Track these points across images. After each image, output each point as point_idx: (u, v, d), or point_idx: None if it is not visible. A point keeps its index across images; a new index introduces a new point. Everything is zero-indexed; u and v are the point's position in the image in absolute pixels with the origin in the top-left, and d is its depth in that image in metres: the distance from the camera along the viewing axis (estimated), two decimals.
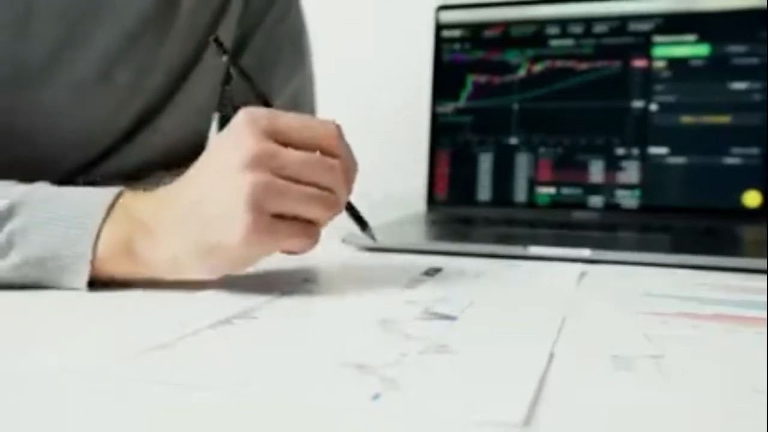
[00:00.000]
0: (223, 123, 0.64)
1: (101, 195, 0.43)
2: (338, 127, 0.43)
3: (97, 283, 0.42)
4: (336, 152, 0.42)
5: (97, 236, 0.41)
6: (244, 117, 0.41)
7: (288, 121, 0.41)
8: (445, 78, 0.90)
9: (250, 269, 0.48)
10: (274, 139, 0.40)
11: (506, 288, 0.45)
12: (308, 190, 0.40)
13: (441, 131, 0.90)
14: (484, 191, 0.87)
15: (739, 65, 0.79)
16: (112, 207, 0.42)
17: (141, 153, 0.67)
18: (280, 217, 0.40)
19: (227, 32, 0.71)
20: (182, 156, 0.71)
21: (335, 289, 0.46)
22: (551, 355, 0.30)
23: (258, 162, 0.39)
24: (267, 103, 0.46)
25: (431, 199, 0.89)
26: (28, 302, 0.40)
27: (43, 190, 0.44)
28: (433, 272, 0.50)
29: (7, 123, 0.58)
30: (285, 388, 0.26)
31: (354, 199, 0.47)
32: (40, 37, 0.58)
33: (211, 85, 0.71)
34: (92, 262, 0.41)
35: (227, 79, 0.48)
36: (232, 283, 0.44)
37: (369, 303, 0.41)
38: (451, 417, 0.23)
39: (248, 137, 0.40)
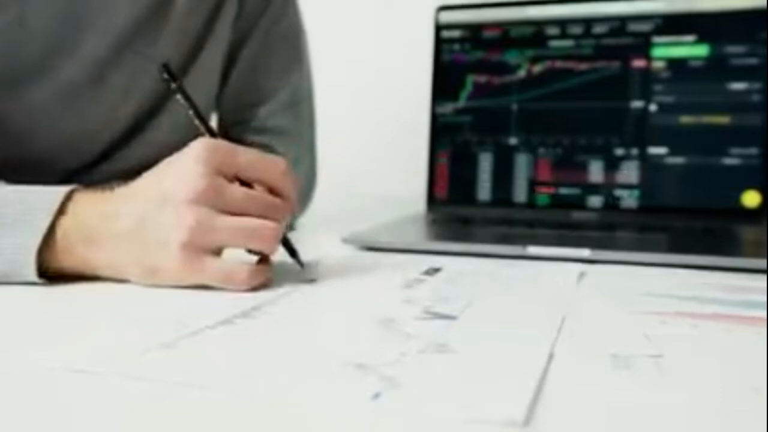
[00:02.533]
0: None
1: (51, 194, 0.44)
2: (287, 164, 0.45)
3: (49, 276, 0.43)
4: (283, 190, 0.45)
5: (48, 234, 0.42)
6: (200, 147, 0.43)
7: (241, 157, 0.44)
8: (445, 78, 0.90)
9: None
10: (224, 174, 0.43)
11: (506, 288, 0.45)
12: (241, 223, 0.43)
13: (441, 131, 0.90)
14: (484, 191, 0.87)
15: (738, 66, 0.79)
16: (63, 204, 0.43)
17: (138, 155, 0.67)
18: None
19: (222, 35, 0.71)
20: None
21: (335, 289, 0.46)
22: (551, 355, 0.30)
23: (202, 198, 0.42)
24: (212, 133, 0.48)
25: (431, 199, 0.89)
26: (28, 302, 0.40)
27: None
28: (433, 272, 0.50)
29: (1, 125, 0.58)
30: (285, 388, 0.26)
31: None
32: (33, 41, 0.58)
33: (206, 86, 0.71)
34: (39, 256, 0.42)
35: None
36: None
37: (369, 303, 0.41)
38: (451, 416, 0.23)
39: (201, 171, 0.42)
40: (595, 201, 0.83)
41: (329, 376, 0.27)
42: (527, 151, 0.86)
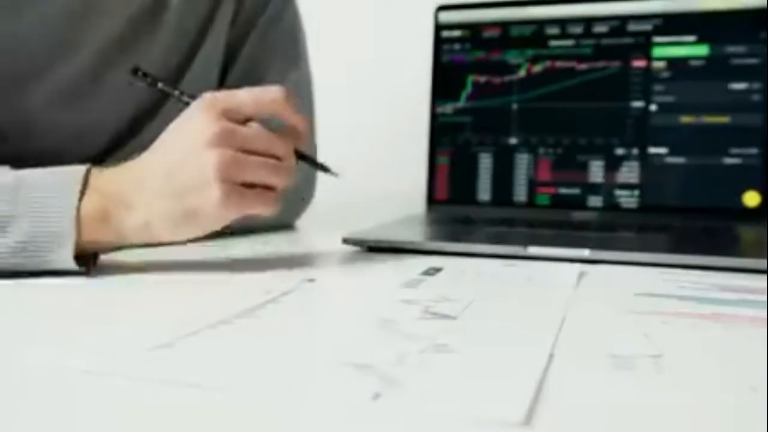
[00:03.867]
0: None
1: (73, 171, 0.46)
2: (283, 92, 0.49)
3: (83, 261, 0.45)
4: (282, 115, 0.49)
5: (78, 209, 0.44)
6: (201, 103, 0.47)
7: (238, 99, 0.47)
8: (445, 78, 0.90)
9: (251, 269, 0.49)
10: (229, 117, 0.47)
11: (506, 288, 0.45)
12: (264, 160, 0.47)
13: (441, 131, 0.90)
14: (484, 191, 0.87)
15: (738, 65, 0.79)
16: (86, 180, 0.45)
17: (138, 153, 0.67)
18: (245, 185, 0.46)
19: (219, 36, 0.71)
20: None
21: (335, 289, 0.46)
22: (551, 355, 0.30)
23: (219, 140, 0.45)
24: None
25: (431, 199, 0.89)
26: (28, 301, 0.40)
27: (7, 175, 0.46)
28: (433, 272, 0.50)
29: (2, 122, 0.58)
30: (285, 388, 0.26)
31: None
32: (31, 40, 0.58)
33: (204, 86, 0.71)
34: (77, 233, 0.44)
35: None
36: (232, 283, 0.44)
37: (369, 303, 0.41)
38: (451, 416, 0.23)
39: (208, 119, 0.46)
40: (595, 201, 0.83)
41: (329, 377, 0.27)
42: (527, 151, 0.86)
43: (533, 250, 0.56)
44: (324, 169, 0.55)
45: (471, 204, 0.87)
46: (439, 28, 0.91)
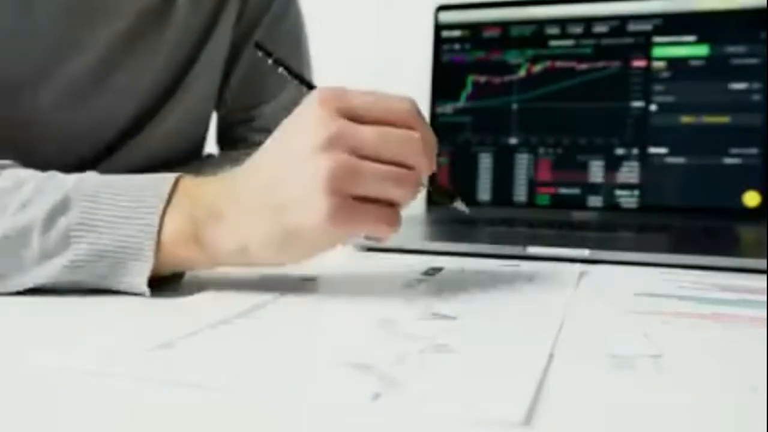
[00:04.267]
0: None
1: (159, 181, 0.41)
2: (413, 102, 0.41)
3: (157, 279, 0.40)
4: (412, 126, 0.40)
5: (160, 225, 0.39)
6: (316, 97, 0.39)
7: (361, 98, 0.40)
8: (445, 78, 0.90)
9: (251, 269, 0.49)
10: (347, 117, 0.39)
11: (506, 288, 0.45)
12: (387, 168, 0.38)
13: (441, 131, 0.90)
14: (484, 191, 0.87)
15: (738, 65, 0.79)
16: (172, 193, 0.40)
17: (140, 153, 0.67)
18: (359, 199, 0.39)
19: (223, 35, 0.71)
20: (182, 156, 0.71)
21: (335, 289, 0.46)
22: (551, 355, 0.30)
23: (334, 143, 0.37)
24: (311, 86, 0.45)
25: (431, 199, 0.89)
26: (28, 302, 0.40)
27: (93, 179, 0.41)
28: (433, 272, 0.50)
29: (7, 121, 0.58)
30: (285, 388, 0.26)
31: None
32: (38, 39, 0.58)
33: (208, 84, 0.71)
34: (156, 252, 0.39)
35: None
36: (232, 283, 0.44)
37: (369, 303, 0.41)
38: (451, 416, 0.23)
39: (322, 117, 0.38)
40: (596, 201, 0.83)
41: (329, 377, 0.27)
42: (527, 151, 0.86)
43: (533, 250, 0.56)
44: (453, 197, 0.46)
45: (471, 204, 0.87)
46: (439, 28, 0.91)
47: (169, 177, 0.41)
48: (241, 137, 0.76)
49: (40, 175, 0.42)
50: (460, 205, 0.46)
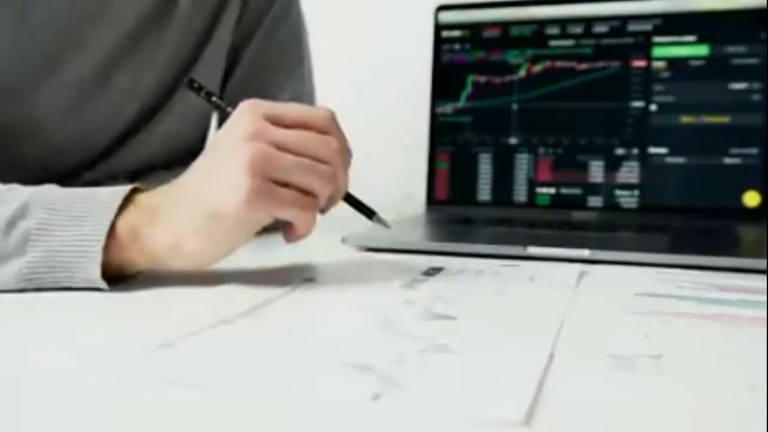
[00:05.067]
0: None
1: (114, 192, 0.43)
2: (332, 112, 0.45)
3: (109, 279, 0.42)
4: (330, 132, 0.44)
5: (111, 228, 0.41)
6: (243, 105, 0.43)
7: (284, 107, 0.44)
8: (445, 78, 0.90)
9: (251, 269, 0.49)
10: (271, 122, 0.42)
11: (506, 288, 0.45)
12: (304, 160, 0.42)
13: (441, 131, 0.90)
14: (484, 191, 0.87)
15: (738, 66, 0.79)
16: (125, 202, 0.42)
17: (140, 153, 0.67)
18: (280, 186, 0.42)
19: (224, 35, 0.71)
20: (181, 156, 0.71)
21: (335, 289, 0.46)
22: (551, 355, 0.30)
23: (256, 135, 0.41)
24: None
25: (431, 199, 0.89)
26: (28, 302, 0.40)
27: (51, 190, 0.44)
28: (433, 272, 0.50)
29: (7, 122, 0.58)
30: (285, 388, 0.26)
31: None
32: (39, 39, 0.58)
33: (208, 85, 0.71)
34: (104, 253, 0.41)
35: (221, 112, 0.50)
36: (232, 283, 0.44)
37: (369, 303, 0.41)
38: (451, 416, 0.23)
39: (247, 118, 0.42)
40: (596, 201, 0.83)
41: (329, 377, 0.27)
42: (527, 151, 0.86)
43: (533, 250, 0.56)
44: (370, 214, 0.49)
45: (471, 204, 0.87)
46: (439, 28, 0.91)
47: (123, 189, 0.43)
48: None
49: (1, 187, 0.44)
50: (381, 220, 0.49)
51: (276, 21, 0.75)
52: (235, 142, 0.41)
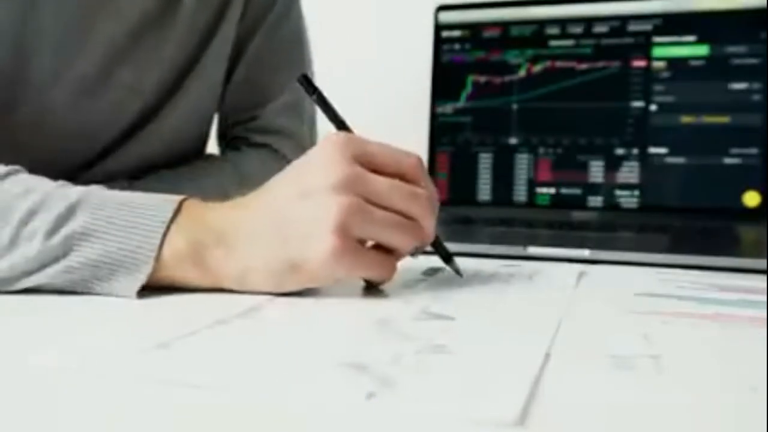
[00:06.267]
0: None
1: (164, 200, 0.41)
2: (420, 159, 0.43)
3: (148, 288, 0.40)
4: (420, 181, 0.42)
5: (162, 241, 0.40)
6: (335, 139, 0.41)
7: (376, 148, 0.41)
8: (445, 78, 0.90)
9: None
10: (361, 163, 0.40)
11: (505, 288, 0.45)
12: (395, 216, 0.40)
13: (441, 131, 0.90)
14: (484, 191, 0.87)
15: (738, 66, 0.79)
16: (177, 212, 0.41)
17: (142, 151, 0.67)
18: (362, 243, 0.41)
19: (228, 33, 0.71)
20: (183, 155, 0.71)
21: (334, 289, 0.45)
22: (548, 355, 0.30)
23: (348, 185, 0.39)
24: (347, 129, 0.45)
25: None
26: (27, 302, 0.40)
27: (100, 192, 0.42)
28: (432, 272, 0.50)
29: (10, 117, 0.58)
30: (280, 388, 0.26)
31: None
32: (43, 35, 0.58)
33: (210, 85, 0.71)
34: (154, 267, 0.40)
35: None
36: None
37: (367, 303, 0.41)
38: (445, 416, 0.23)
39: (339, 160, 0.39)
40: (595, 201, 0.83)
41: (325, 377, 0.27)
42: (527, 151, 0.86)
43: (533, 250, 0.56)
44: (449, 259, 0.48)
45: (471, 204, 0.87)
46: (439, 28, 0.91)
47: (174, 198, 0.41)
48: (242, 137, 0.76)
49: (50, 183, 0.43)
50: (455, 267, 0.47)
51: (279, 18, 0.75)
52: (326, 189, 0.39)
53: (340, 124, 0.45)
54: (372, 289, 0.44)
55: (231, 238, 0.40)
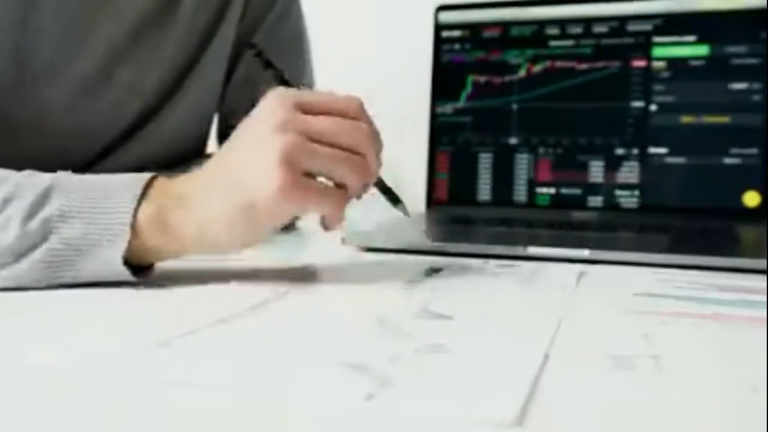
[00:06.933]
0: None
1: (134, 179, 0.43)
2: (361, 100, 0.44)
3: (131, 264, 0.42)
4: (362, 120, 0.44)
5: (136, 212, 0.41)
6: (274, 93, 0.43)
7: (313, 94, 0.44)
8: (445, 78, 0.90)
9: (250, 268, 0.48)
10: (301, 110, 0.42)
11: (505, 288, 0.45)
12: (337, 151, 0.42)
13: (441, 131, 0.90)
14: (484, 191, 0.87)
15: (738, 66, 0.79)
16: (147, 188, 0.42)
17: (142, 151, 0.67)
18: (311, 177, 0.42)
19: (228, 33, 0.71)
20: (183, 155, 0.71)
21: (334, 289, 0.46)
22: (547, 355, 0.30)
23: (288, 125, 0.41)
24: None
25: (431, 199, 0.89)
26: (26, 302, 0.40)
27: (70, 177, 0.44)
28: (432, 272, 0.50)
29: (10, 117, 0.58)
30: (280, 387, 0.26)
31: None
32: (43, 34, 0.58)
33: (210, 84, 0.71)
34: (131, 237, 0.41)
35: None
36: (231, 283, 0.44)
37: (367, 303, 0.41)
38: (443, 416, 0.23)
39: (278, 107, 0.42)
40: (595, 201, 0.83)
41: (324, 377, 0.27)
42: (527, 151, 0.86)
43: (533, 250, 0.56)
44: (396, 201, 0.50)
45: (471, 204, 0.87)
46: (439, 28, 0.91)
47: (144, 175, 0.43)
48: None
49: (18, 174, 0.44)
50: (402, 210, 0.49)
51: (279, 18, 0.75)
52: (268, 132, 0.41)
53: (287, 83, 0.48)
54: (328, 231, 0.45)
55: (189, 198, 0.42)
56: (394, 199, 0.50)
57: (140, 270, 0.43)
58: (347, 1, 1.13)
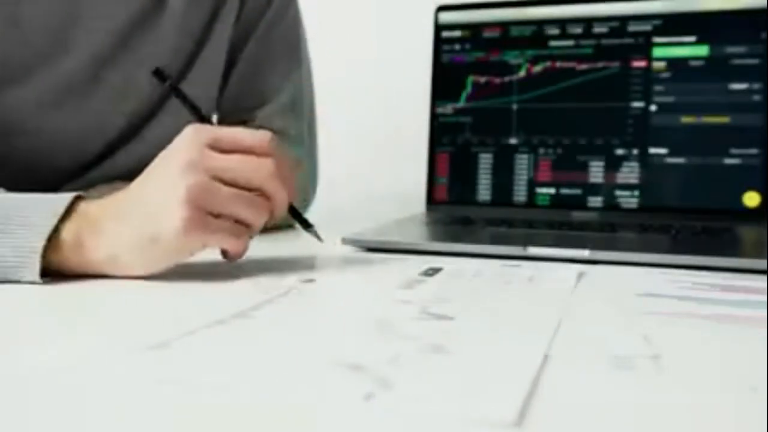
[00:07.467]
0: None
1: (58, 199, 0.45)
2: (271, 135, 0.47)
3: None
4: (269, 155, 0.46)
5: (55, 232, 0.43)
6: (188, 130, 0.46)
7: (224, 132, 0.46)
8: (445, 79, 0.90)
9: (250, 269, 0.48)
10: (213, 148, 0.45)
11: (505, 288, 0.45)
12: (241, 192, 0.45)
13: (441, 131, 0.90)
14: (484, 191, 0.87)
15: (738, 66, 0.79)
16: (69, 209, 0.44)
17: (135, 156, 0.66)
18: (215, 217, 0.44)
19: (222, 35, 0.71)
20: None
21: (333, 289, 0.45)
22: (547, 356, 0.30)
23: (195, 166, 0.43)
24: (204, 120, 0.52)
25: (431, 199, 0.89)
26: (25, 302, 0.40)
27: None
28: (432, 272, 0.49)
29: None
30: (278, 389, 0.26)
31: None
32: (28, 38, 0.58)
33: (206, 87, 0.71)
34: (43, 257, 0.42)
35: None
36: (229, 283, 0.44)
37: (367, 303, 0.41)
38: (442, 416, 0.23)
39: (189, 146, 0.44)
40: (596, 201, 0.83)
41: (323, 377, 0.27)
42: (527, 151, 0.86)
43: (533, 250, 0.56)
44: (307, 226, 0.53)
45: (471, 204, 0.87)
46: (439, 28, 0.91)
47: (68, 195, 0.45)
48: None
49: None
50: (314, 234, 0.53)
51: (274, 21, 0.75)
52: (177, 171, 0.43)
53: (198, 116, 0.51)
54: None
55: (102, 224, 0.44)
56: (305, 223, 0.53)
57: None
58: (347, 1, 1.13)
